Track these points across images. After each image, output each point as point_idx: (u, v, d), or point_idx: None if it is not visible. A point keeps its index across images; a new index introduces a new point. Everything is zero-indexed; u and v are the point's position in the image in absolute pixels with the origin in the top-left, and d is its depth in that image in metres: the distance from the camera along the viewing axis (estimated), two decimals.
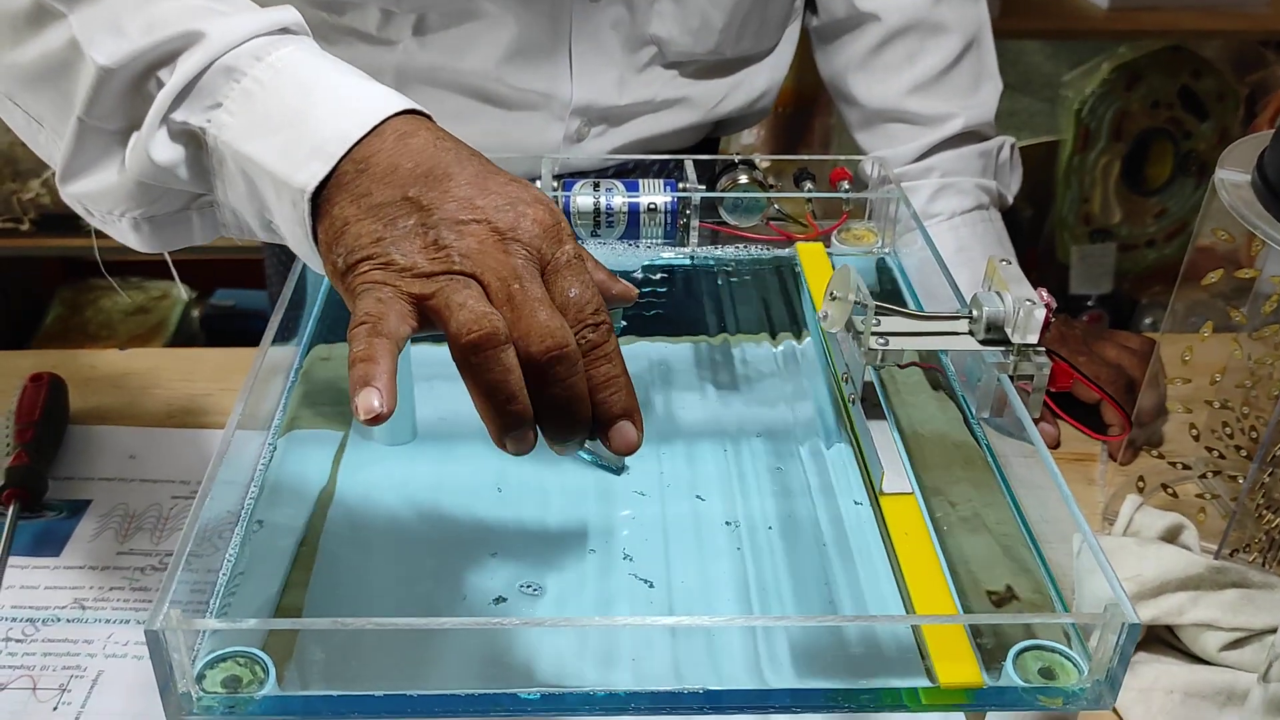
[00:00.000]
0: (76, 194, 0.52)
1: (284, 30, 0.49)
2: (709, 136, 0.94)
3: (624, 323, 0.52)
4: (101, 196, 0.52)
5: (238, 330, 1.91)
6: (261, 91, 0.47)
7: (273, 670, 0.39)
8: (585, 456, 0.55)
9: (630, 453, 0.44)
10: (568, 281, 0.44)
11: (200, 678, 0.39)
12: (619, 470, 0.54)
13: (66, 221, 1.71)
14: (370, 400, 0.40)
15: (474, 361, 0.42)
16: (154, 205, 0.52)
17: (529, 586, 0.47)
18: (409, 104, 0.48)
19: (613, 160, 0.86)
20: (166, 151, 0.48)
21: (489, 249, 0.43)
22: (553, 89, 0.82)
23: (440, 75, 0.81)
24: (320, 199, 0.45)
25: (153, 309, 1.92)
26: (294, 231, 0.47)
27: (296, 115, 0.46)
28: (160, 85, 0.48)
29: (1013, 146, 0.93)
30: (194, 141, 0.49)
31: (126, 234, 0.54)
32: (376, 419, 0.40)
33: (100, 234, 0.56)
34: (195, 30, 0.47)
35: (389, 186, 0.44)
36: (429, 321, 0.43)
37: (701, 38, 0.83)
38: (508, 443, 0.43)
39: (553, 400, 0.43)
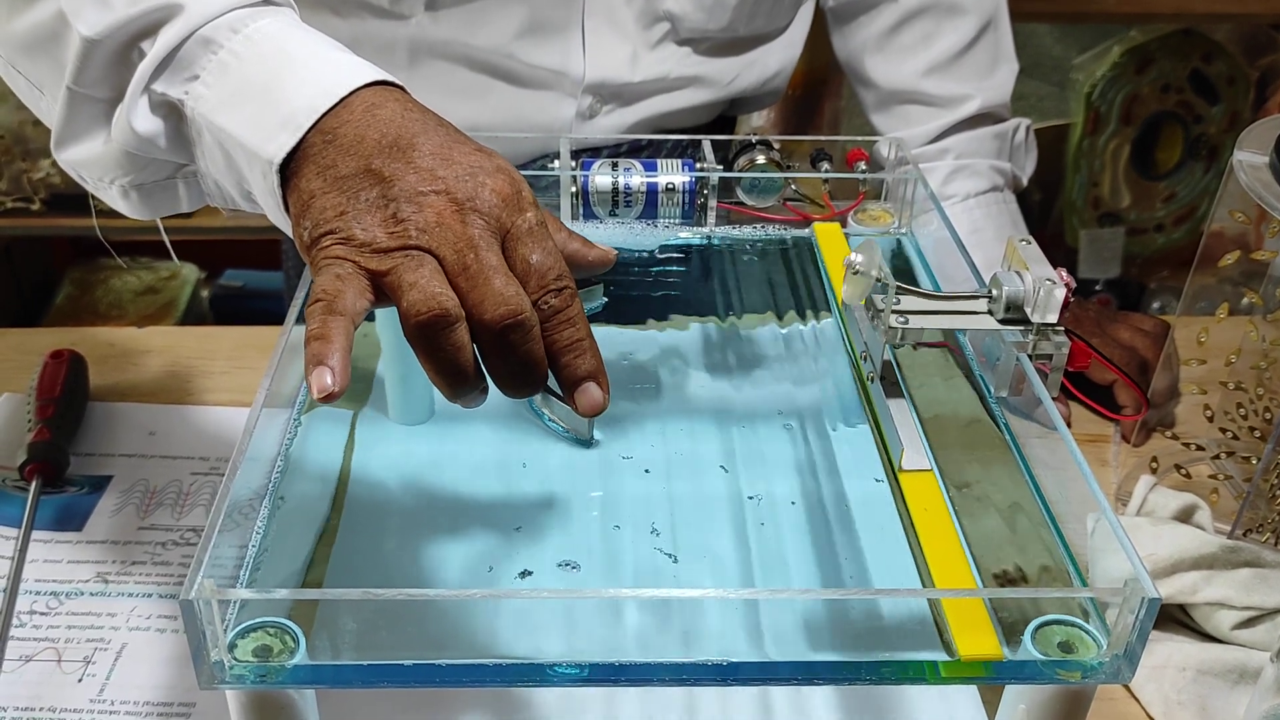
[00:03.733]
0: (69, 161, 0.53)
1: (265, 1, 0.50)
2: (724, 115, 0.94)
3: (605, 299, 0.53)
4: (92, 164, 0.53)
5: (247, 310, 1.92)
6: (237, 63, 0.48)
7: (303, 640, 0.40)
8: (556, 429, 0.55)
9: (596, 413, 0.45)
10: (528, 248, 0.44)
11: (232, 647, 0.40)
12: (589, 443, 0.55)
13: (77, 201, 1.71)
14: (324, 379, 0.41)
15: (425, 340, 0.43)
16: (141, 173, 0.52)
17: (568, 564, 0.48)
18: (381, 75, 0.48)
19: (626, 138, 0.86)
20: (147, 122, 0.49)
21: (447, 221, 0.44)
22: (565, 66, 0.82)
23: (453, 50, 0.81)
24: (289, 170, 0.46)
25: (162, 289, 1.92)
26: (267, 202, 0.48)
27: (268, 87, 0.47)
28: (142, 56, 0.48)
29: (1028, 128, 0.93)
30: (174, 113, 0.49)
31: (116, 200, 0.55)
32: (329, 397, 0.41)
33: (107, 214, 0.57)
34: (175, 2, 0.48)
35: (354, 158, 0.45)
36: (386, 296, 0.44)
37: (715, 14, 0.83)
38: (458, 403, 0.45)
39: (507, 365, 0.44)
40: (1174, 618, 0.63)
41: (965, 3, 0.88)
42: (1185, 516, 0.66)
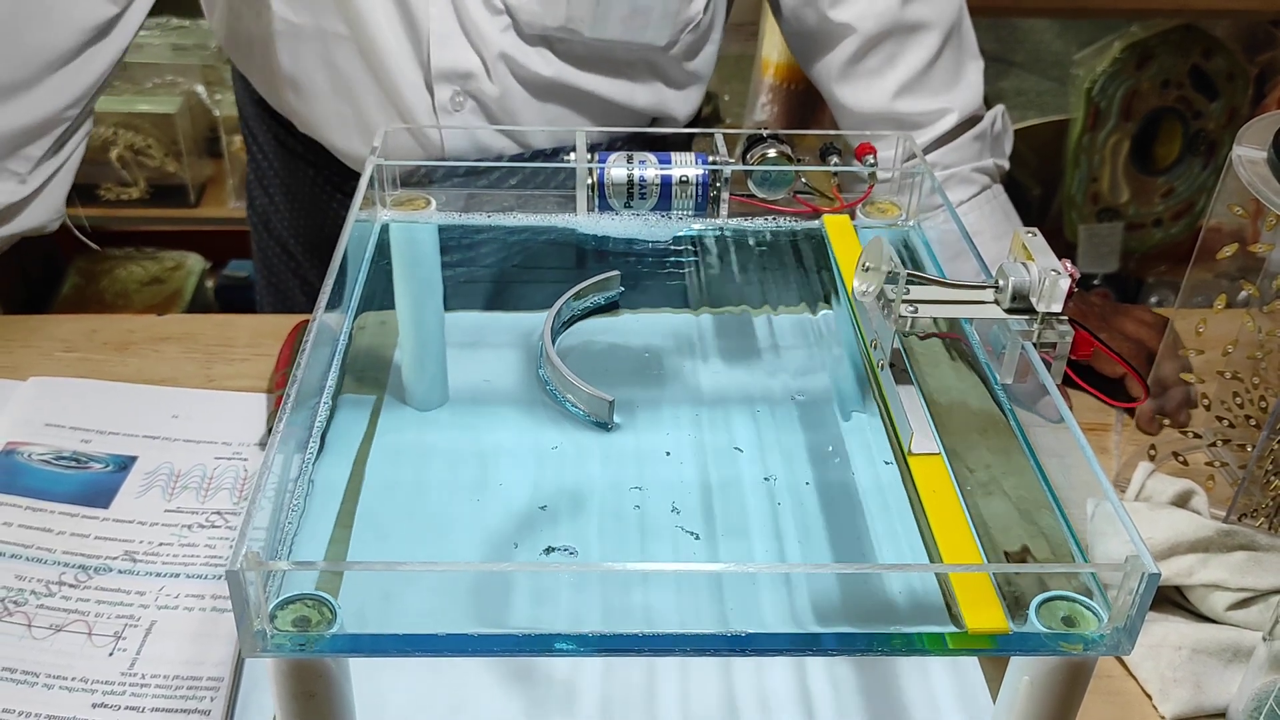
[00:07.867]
0: None
1: None
2: (646, 126, 0.93)
3: (621, 289, 0.55)
4: None
5: (252, 300, 1.93)
6: None
7: (340, 611, 0.42)
8: (576, 413, 0.57)
9: None
10: None
11: (273, 617, 0.41)
12: (607, 427, 0.57)
13: (83, 192, 1.71)
14: None
15: None
16: None
17: (565, 548, 0.50)
18: None
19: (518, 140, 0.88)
20: None
21: None
22: (415, 54, 0.84)
23: (330, 42, 0.85)
24: None
25: (167, 279, 1.93)
26: None
27: None
28: None
29: (1003, 114, 0.93)
30: None
31: None
32: None
33: (107, 204, 0.60)
34: None
35: None
36: None
37: (550, 8, 0.82)
38: None
39: None
40: (1170, 599, 0.65)
41: (927, 18, 0.87)
42: (1182, 502, 0.68)
